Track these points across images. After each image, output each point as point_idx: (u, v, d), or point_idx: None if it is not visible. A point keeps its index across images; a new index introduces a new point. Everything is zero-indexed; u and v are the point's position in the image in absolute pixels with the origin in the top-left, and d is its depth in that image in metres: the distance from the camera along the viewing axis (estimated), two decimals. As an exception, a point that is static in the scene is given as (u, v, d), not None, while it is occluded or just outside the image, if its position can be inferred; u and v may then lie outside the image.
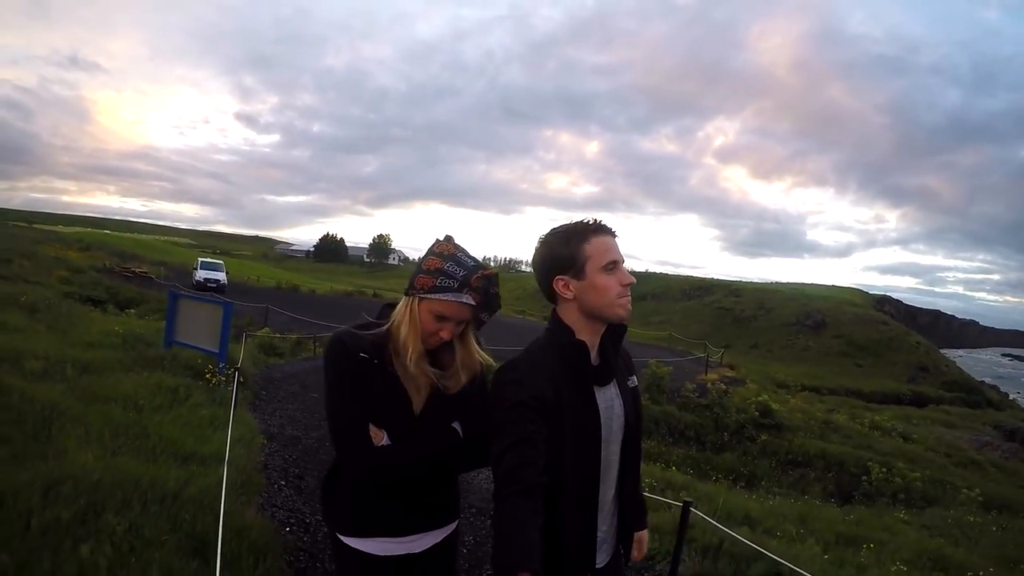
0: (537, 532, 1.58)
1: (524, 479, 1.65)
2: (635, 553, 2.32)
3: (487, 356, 2.20)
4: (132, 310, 20.47)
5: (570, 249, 1.95)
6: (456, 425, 2.12)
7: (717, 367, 29.52)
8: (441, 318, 2.01)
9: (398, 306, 2.09)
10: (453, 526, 2.28)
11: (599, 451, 1.97)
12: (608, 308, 1.93)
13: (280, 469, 6.48)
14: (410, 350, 2.00)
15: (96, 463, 4.46)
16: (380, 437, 1.99)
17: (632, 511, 2.22)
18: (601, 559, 2.06)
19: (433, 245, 2.09)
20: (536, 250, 2.08)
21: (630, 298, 1.95)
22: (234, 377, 8.36)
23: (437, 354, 2.11)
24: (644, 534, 2.38)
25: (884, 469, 14.74)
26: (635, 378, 2.23)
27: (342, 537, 2.10)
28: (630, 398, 2.13)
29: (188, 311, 10.28)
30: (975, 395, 53.09)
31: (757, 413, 16.95)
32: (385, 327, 2.06)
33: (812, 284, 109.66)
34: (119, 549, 3.39)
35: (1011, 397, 70.81)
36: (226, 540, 3.62)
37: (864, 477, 14.65)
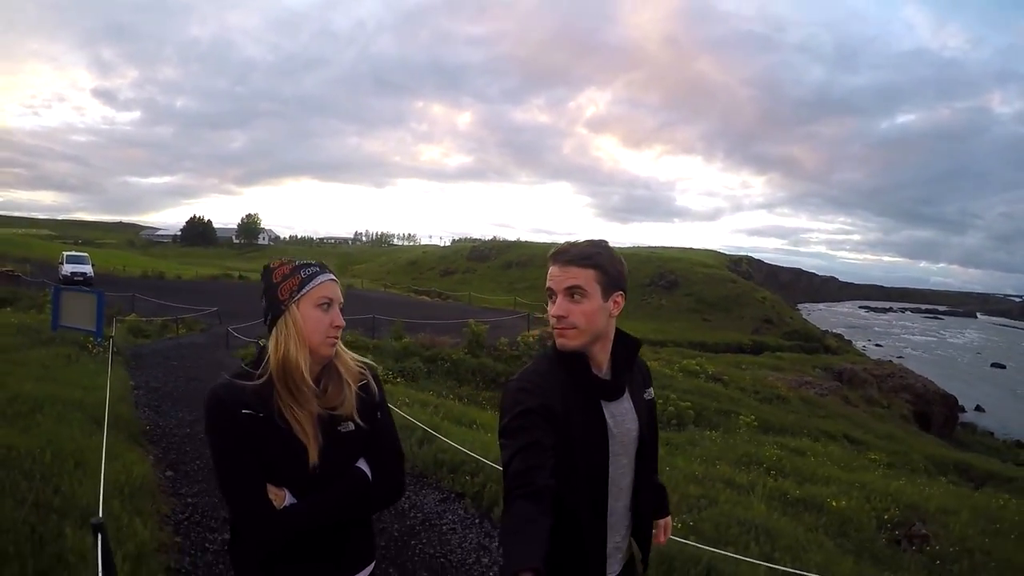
0: (544, 533, 1.57)
1: (533, 482, 1.68)
2: (661, 537, 2.44)
3: (360, 359, 2.15)
4: (8, 308, 22.45)
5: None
6: (362, 463, 2.07)
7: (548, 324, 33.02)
8: (326, 305, 1.97)
9: (271, 340, 1.96)
10: (370, 569, 2.19)
11: (607, 464, 2.00)
12: (554, 335, 2.01)
13: (144, 401, 10.14)
14: (300, 367, 1.91)
15: (32, 389, 8.03)
16: (282, 498, 1.90)
17: (654, 507, 2.34)
18: (614, 568, 2.13)
19: (271, 267, 2.04)
20: None
21: (563, 329, 1.97)
22: (110, 347, 11.84)
23: (323, 386, 2.02)
24: (668, 520, 2.47)
25: (660, 400, 16.70)
26: (651, 390, 2.27)
27: None
28: (645, 411, 2.16)
29: (69, 300, 13.94)
30: (813, 343, 59.22)
31: None
32: (265, 373, 1.93)
33: (670, 247, 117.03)
34: (55, 420, 6.99)
35: (860, 345, 78.94)
36: (110, 419, 7.16)
37: (643, 407, 17.90)
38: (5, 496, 4.60)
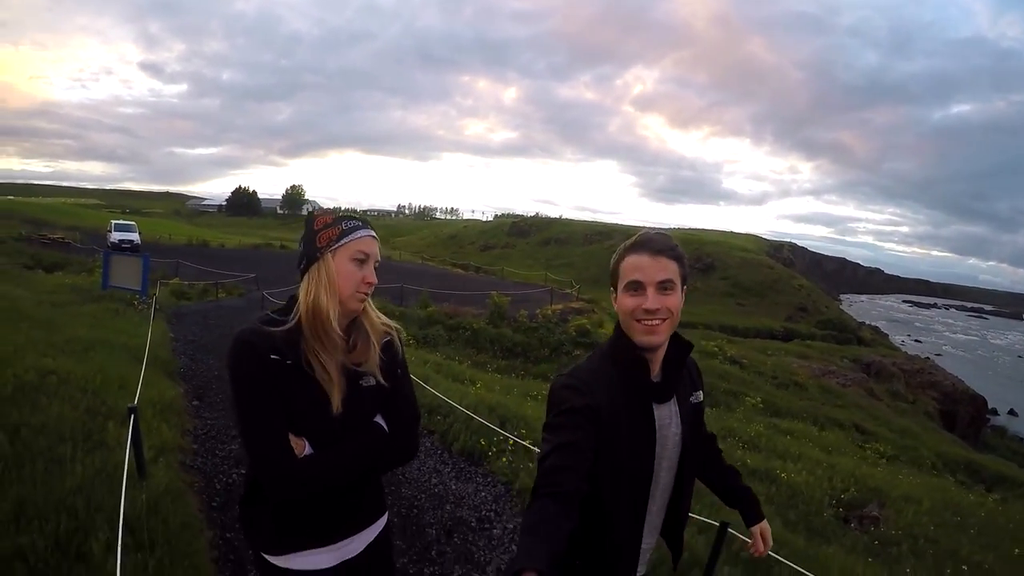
0: (560, 535, 1.59)
1: (561, 482, 1.68)
2: (760, 547, 2.38)
3: (386, 319, 2.17)
4: (60, 272, 24.33)
5: (614, 265, 2.00)
6: (379, 419, 2.11)
7: (573, 300, 33.76)
8: (361, 260, 2.00)
9: (302, 286, 2.00)
10: (383, 520, 2.27)
11: (651, 467, 1.99)
12: (629, 330, 1.95)
13: (181, 350, 11.70)
14: (328, 313, 1.94)
15: (85, 333, 9.66)
16: (302, 447, 1.92)
17: (743, 506, 2.38)
18: (641, 569, 2.14)
19: (315, 215, 2.07)
20: None
21: (654, 324, 1.91)
22: (153, 305, 13.46)
23: (352, 340, 2.07)
24: (764, 525, 2.41)
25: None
26: (700, 393, 2.24)
27: (268, 557, 2.05)
28: (690, 415, 2.13)
29: (117, 263, 15.83)
30: (847, 333, 58.13)
31: (575, 333, 21.70)
32: (293, 319, 1.96)
33: (710, 230, 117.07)
34: (105, 355, 8.59)
35: (899, 340, 77.82)
36: (149, 359, 8.66)
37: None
38: (65, 402, 6.13)
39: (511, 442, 7.19)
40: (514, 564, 1.45)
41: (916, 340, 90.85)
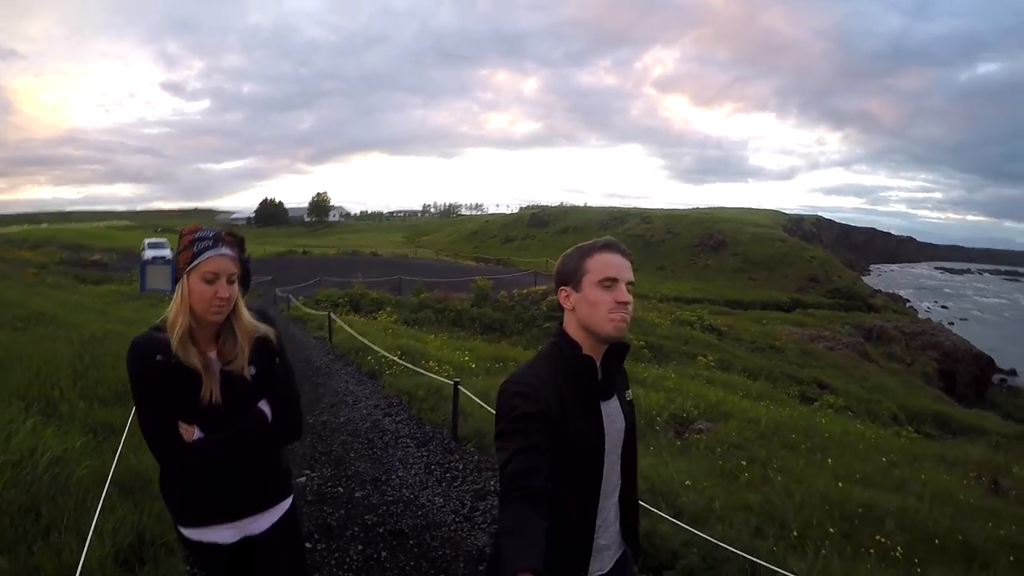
0: (541, 534, 1.67)
1: (530, 484, 1.76)
2: None
3: (262, 324, 2.45)
4: (104, 285, 28.92)
5: (575, 263, 2.09)
6: (264, 405, 2.42)
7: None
8: (211, 279, 2.25)
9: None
10: (287, 503, 2.58)
11: (601, 463, 2.11)
12: (598, 323, 2.04)
13: None
14: (176, 328, 2.24)
15: (131, 315, 14.49)
16: (191, 432, 2.25)
17: (635, 516, 2.38)
18: (605, 565, 2.22)
19: (182, 234, 2.34)
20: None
21: (625, 317, 2.03)
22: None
23: (222, 341, 2.38)
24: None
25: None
26: (630, 392, 2.36)
27: (182, 529, 2.41)
28: (628, 411, 2.28)
29: (152, 271, 20.61)
30: (855, 301, 59.94)
31: (547, 309, 23.94)
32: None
33: (726, 208, 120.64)
34: (146, 326, 12.45)
35: (925, 306, 79.63)
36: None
37: (605, 344, 20.54)
38: (119, 345, 10.20)
39: (391, 361, 11.09)
40: (509, 566, 1.56)
41: (943, 306, 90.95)
